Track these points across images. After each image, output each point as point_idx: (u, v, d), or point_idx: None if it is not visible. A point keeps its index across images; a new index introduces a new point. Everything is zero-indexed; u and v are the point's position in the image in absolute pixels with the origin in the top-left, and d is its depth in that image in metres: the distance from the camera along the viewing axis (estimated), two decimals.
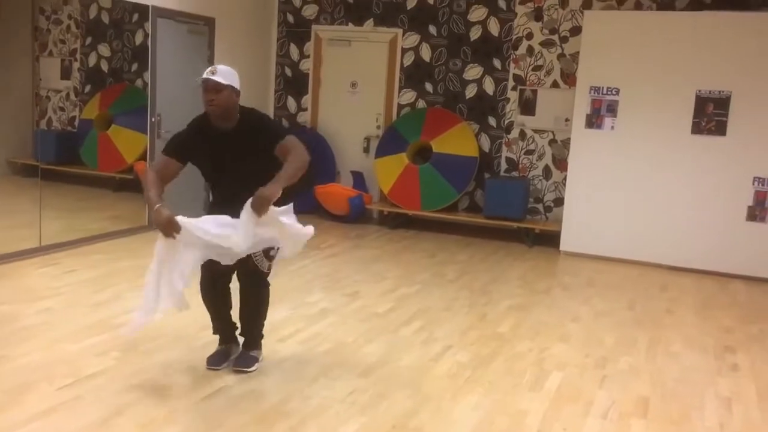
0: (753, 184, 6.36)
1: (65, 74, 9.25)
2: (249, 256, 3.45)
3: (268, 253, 3.54)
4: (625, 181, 6.75)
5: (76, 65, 9.16)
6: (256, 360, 3.72)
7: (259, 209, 3.25)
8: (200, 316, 4.47)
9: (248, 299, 3.66)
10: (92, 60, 9.07)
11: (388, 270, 6.00)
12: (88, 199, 8.30)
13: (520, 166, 7.69)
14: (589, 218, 6.93)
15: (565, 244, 7.06)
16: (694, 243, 6.57)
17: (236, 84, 3.44)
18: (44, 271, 5.29)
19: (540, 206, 7.65)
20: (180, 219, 3.35)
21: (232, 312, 3.79)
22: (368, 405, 3.38)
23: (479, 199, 7.77)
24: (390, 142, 7.90)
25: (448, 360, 4.02)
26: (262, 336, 3.80)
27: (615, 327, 4.83)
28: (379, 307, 4.94)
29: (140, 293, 3.48)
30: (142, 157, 7.47)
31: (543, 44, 7.45)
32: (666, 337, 4.66)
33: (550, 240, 7.26)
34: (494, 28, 7.62)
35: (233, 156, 3.44)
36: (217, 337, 3.82)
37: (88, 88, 9.13)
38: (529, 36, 7.49)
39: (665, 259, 6.67)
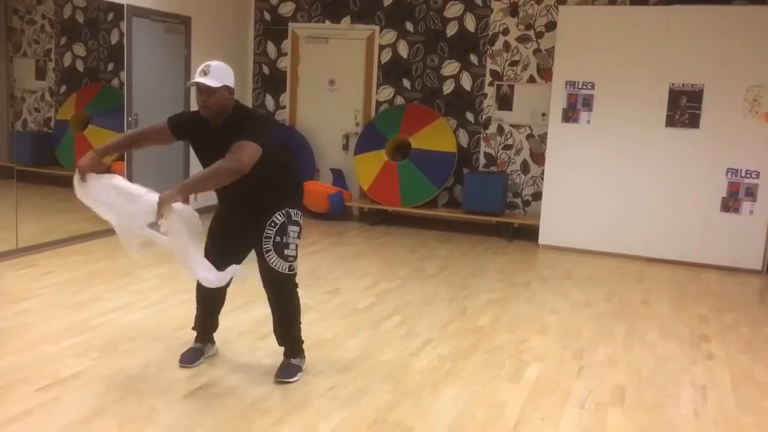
0: (726, 176, 6.46)
1: (40, 75, 9.16)
2: (268, 266, 3.45)
3: (283, 253, 3.45)
4: (602, 175, 6.83)
5: (51, 65, 9.08)
6: (299, 369, 3.62)
7: (158, 212, 3.31)
8: (178, 316, 4.49)
9: (277, 308, 3.58)
10: (67, 60, 8.98)
11: (369, 266, 6.03)
12: (66, 201, 8.16)
13: (499, 161, 7.74)
14: (567, 212, 7.00)
15: (543, 238, 7.13)
16: (670, 234, 6.66)
17: (230, 81, 3.38)
18: (22, 273, 5.25)
19: (518, 200, 7.71)
20: (91, 175, 3.50)
21: (221, 312, 3.79)
22: (349, 400, 3.40)
23: (458, 195, 7.81)
24: (369, 138, 7.92)
25: (429, 354, 4.06)
26: (302, 341, 3.70)
27: (592, 318, 4.89)
28: (359, 303, 4.97)
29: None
30: (120, 158, 7.42)
31: (519, 40, 7.50)
32: (642, 328, 4.73)
33: (528, 234, 7.32)
34: (471, 24, 7.66)
35: (216, 152, 3.37)
36: (194, 334, 3.82)
37: (63, 89, 9.05)
38: (506, 32, 7.54)
39: (641, 250, 6.76)
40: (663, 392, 3.68)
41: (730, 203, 6.48)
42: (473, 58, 7.69)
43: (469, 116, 7.80)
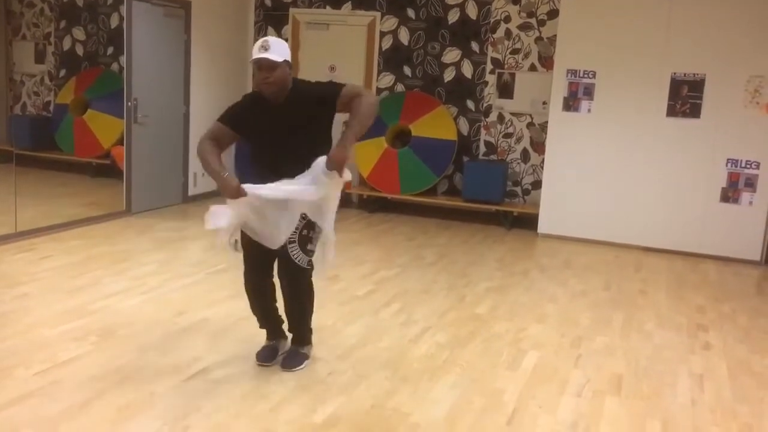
0: (726, 166, 6.45)
1: (39, 58, 9.12)
2: (288, 254, 3.35)
3: (306, 247, 3.39)
4: (602, 164, 6.82)
5: (50, 49, 9.04)
6: (306, 357, 3.60)
7: (336, 169, 3.18)
8: (177, 301, 4.49)
9: (291, 296, 3.52)
10: (67, 44, 8.95)
11: (368, 253, 6.03)
12: (65, 185, 8.22)
13: (499, 149, 7.73)
14: (567, 201, 6.99)
15: (542, 227, 7.13)
16: (669, 224, 6.67)
17: (288, 56, 3.28)
18: (20, 257, 5.25)
19: (518, 189, 7.71)
20: (246, 187, 3.22)
21: (277, 306, 3.67)
22: (347, 385, 3.41)
23: (458, 183, 7.80)
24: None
25: (427, 341, 4.07)
26: (311, 331, 3.67)
27: (590, 307, 4.90)
28: (358, 290, 4.97)
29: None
30: (119, 142, 7.40)
31: (521, 27, 7.47)
32: (640, 317, 4.74)
33: (528, 222, 7.32)
34: (472, 11, 7.62)
35: (289, 129, 3.28)
36: (264, 331, 3.72)
37: (63, 73, 9.02)
38: (507, 19, 7.51)
39: (640, 240, 6.76)
40: (660, 381, 3.70)
41: (730, 194, 6.48)
42: (474, 46, 7.66)
43: (470, 104, 7.78)
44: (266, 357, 3.60)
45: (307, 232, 3.39)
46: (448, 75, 7.81)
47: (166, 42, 7.16)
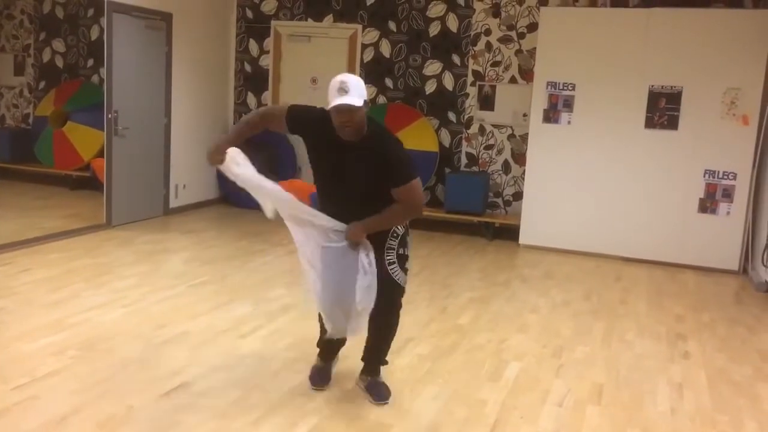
0: (704, 177, 6.54)
1: (18, 70, 9.07)
2: (390, 277, 3.22)
3: (404, 265, 3.27)
4: (582, 175, 6.88)
5: (29, 61, 8.99)
6: (387, 387, 3.46)
7: (350, 246, 3.16)
8: (157, 314, 4.47)
9: (384, 322, 3.36)
10: (46, 56, 8.90)
11: None
12: (44, 198, 8.15)
13: (480, 160, 7.78)
14: (547, 212, 7.04)
15: (524, 238, 7.17)
16: (648, 235, 6.73)
17: (366, 95, 3.12)
18: None
19: (500, 200, 7.75)
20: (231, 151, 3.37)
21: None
22: (329, 398, 3.41)
23: (440, 194, 7.83)
24: None
25: (409, 352, 4.07)
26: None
27: (572, 317, 4.93)
28: None
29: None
30: (99, 155, 7.36)
31: (501, 40, 7.54)
32: (620, 326, 4.78)
33: (509, 233, 7.36)
34: (453, 24, 7.69)
35: (353, 169, 3.14)
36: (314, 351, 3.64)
37: (42, 85, 8.97)
38: (488, 32, 7.58)
39: (620, 250, 6.82)
40: (640, 390, 3.73)
41: (708, 204, 6.56)
42: (455, 58, 7.72)
43: (451, 116, 7.82)
44: (322, 380, 3.51)
45: (403, 250, 3.28)
46: (430, 87, 7.86)
47: (147, 54, 7.14)
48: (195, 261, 5.87)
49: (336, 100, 3.02)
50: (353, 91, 3.03)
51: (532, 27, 7.33)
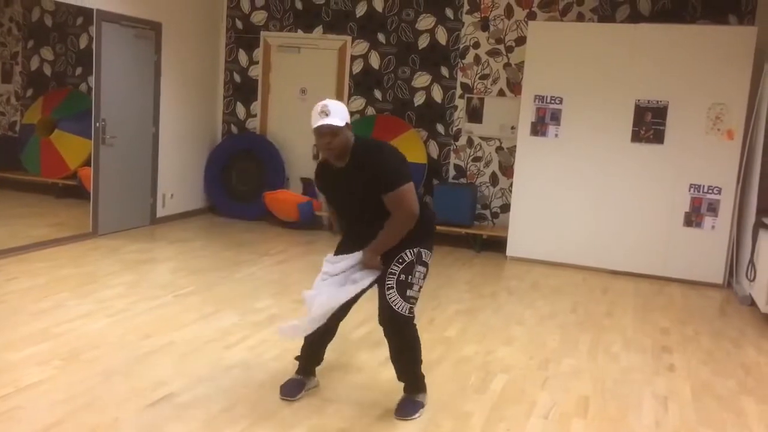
0: (689, 191, 6.60)
1: (6, 78, 9.01)
2: (387, 304, 3.26)
3: (405, 293, 3.26)
4: (569, 188, 6.92)
5: (17, 68, 8.94)
6: (421, 405, 3.44)
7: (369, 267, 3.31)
8: (143, 324, 4.44)
9: (395, 346, 3.40)
10: (34, 63, 8.86)
11: None
12: (30, 206, 8.09)
13: (468, 172, 7.81)
14: (534, 224, 7.08)
15: (511, 250, 7.20)
16: (634, 248, 6.78)
17: (348, 118, 3.23)
18: None
19: (487, 212, 7.78)
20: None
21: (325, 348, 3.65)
22: (316, 409, 3.40)
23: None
24: None
25: None
26: (423, 377, 3.50)
27: (558, 329, 4.95)
28: None
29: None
30: (86, 163, 7.32)
31: (489, 53, 7.59)
32: (606, 339, 4.80)
33: (497, 245, 7.39)
34: (442, 37, 7.73)
35: (349, 192, 3.26)
36: (294, 364, 3.66)
37: (29, 92, 8.92)
38: (476, 45, 7.63)
39: (606, 263, 6.86)
40: (626, 403, 3.74)
41: (693, 218, 6.62)
42: (444, 71, 7.77)
43: (440, 128, 7.86)
44: (292, 391, 3.49)
45: (406, 277, 3.25)
46: (419, 99, 7.89)
47: (135, 63, 7.13)
48: (181, 271, 5.85)
49: (317, 122, 3.15)
50: (334, 114, 3.15)
51: (521, 41, 7.39)
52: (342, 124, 3.16)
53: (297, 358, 3.64)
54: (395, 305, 3.25)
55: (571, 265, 6.95)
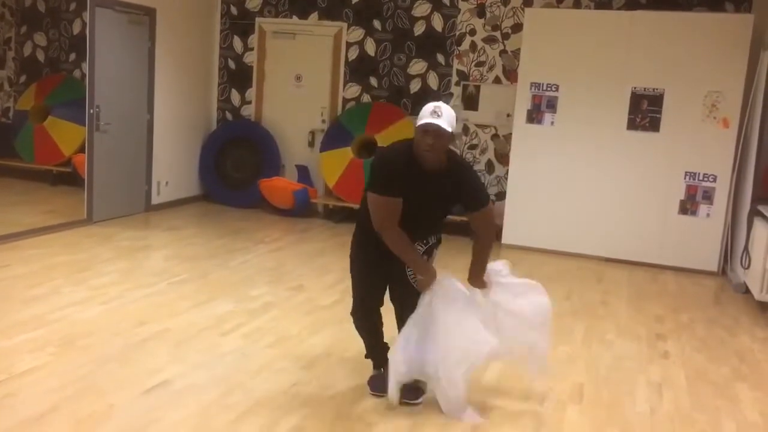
0: (684, 179, 6.60)
1: None
2: (410, 281, 3.38)
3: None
4: (564, 176, 6.92)
5: (10, 54, 8.88)
6: (422, 392, 3.46)
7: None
8: (138, 311, 4.43)
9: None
10: (28, 49, 8.80)
11: (333, 263, 6.02)
12: (23, 193, 8.07)
13: None
14: (530, 212, 7.07)
15: (506, 237, 7.19)
16: (629, 236, 6.78)
17: (455, 127, 3.21)
18: None
19: None
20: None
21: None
22: (311, 396, 3.40)
23: None
24: (335, 136, 7.90)
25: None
26: None
27: (553, 317, 4.92)
28: (323, 300, 4.96)
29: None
30: (80, 150, 7.29)
31: (486, 40, 7.56)
32: (601, 327, 4.81)
33: None
34: (438, 23, 7.69)
35: (429, 198, 3.24)
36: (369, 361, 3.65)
37: (23, 79, 8.87)
38: (472, 32, 7.59)
39: (601, 251, 6.87)
40: (620, 390, 3.75)
41: (688, 206, 6.62)
42: (440, 58, 7.73)
43: None
44: (382, 386, 3.40)
45: (427, 258, 3.40)
46: (414, 86, 7.86)
47: (129, 49, 7.08)
48: (176, 258, 5.83)
49: (427, 120, 3.10)
50: (445, 118, 3.11)
51: (517, 27, 7.35)
52: (450, 129, 3.12)
53: (367, 356, 3.63)
54: (414, 282, 3.40)
55: (565, 253, 6.95)
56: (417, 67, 7.82)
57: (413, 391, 3.42)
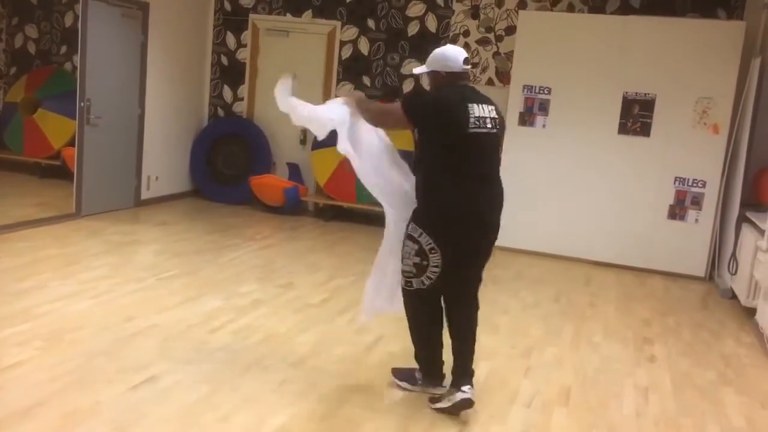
0: (674, 184, 6.64)
1: None
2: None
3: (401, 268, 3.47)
4: (555, 179, 6.94)
5: (0, 46, 8.81)
6: (411, 375, 3.59)
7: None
8: (126, 306, 4.41)
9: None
10: (18, 41, 8.75)
11: (323, 261, 6.02)
12: (12, 186, 8.01)
13: None
14: (520, 214, 7.06)
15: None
16: (618, 240, 6.81)
17: (435, 67, 3.47)
18: None
19: None
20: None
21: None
22: (299, 395, 3.40)
23: None
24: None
25: (380, 350, 4.07)
26: (421, 355, 3.61)
27: (541, 319, 4.98)
28: (313, 298, 4.96)
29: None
30: (71, 143, 7.25)
31: (479, 42, 7.58)
32: (589, 329, 4.84)
33: None
34: (432, 24, 7.70)
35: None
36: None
37: (13, 70, 8.81)
38: (466, 33, 7.61)
39: (590, 254, 6.90)
40: (607, 392, 3.77)
41: (677, 211, 6.66)
42: None
43: None
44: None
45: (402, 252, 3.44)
46: (407, 86, 7.86)
47: (122, 43, 7.04)
48: (165, 253, 5.81)
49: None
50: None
51: (510, 30, 7.37)
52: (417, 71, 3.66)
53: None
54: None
55: (554, 256, 6.98)
56: (410, 67, 7.83)
57: (410, 378, 3.54)
